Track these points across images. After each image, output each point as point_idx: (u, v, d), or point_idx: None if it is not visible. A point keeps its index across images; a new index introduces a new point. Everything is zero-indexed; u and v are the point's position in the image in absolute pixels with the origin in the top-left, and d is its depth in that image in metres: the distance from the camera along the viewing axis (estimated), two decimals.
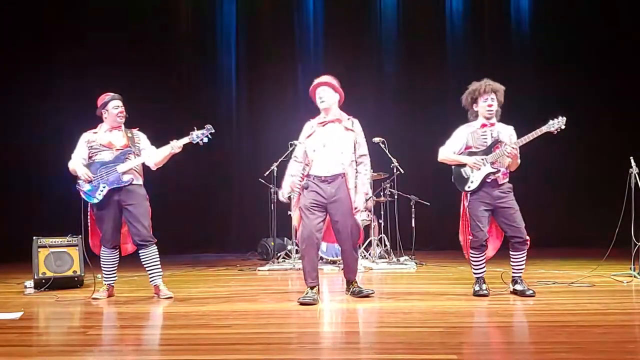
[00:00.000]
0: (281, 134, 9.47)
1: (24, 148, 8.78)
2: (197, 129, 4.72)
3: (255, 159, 9.57)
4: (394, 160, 7.09)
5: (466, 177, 4.49)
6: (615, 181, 5.79)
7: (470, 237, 4.48)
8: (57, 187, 8.36)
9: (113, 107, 4.76)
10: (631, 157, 5.30)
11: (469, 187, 4.46)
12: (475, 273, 4.57)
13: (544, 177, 9.36)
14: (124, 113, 4.79)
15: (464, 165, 4.50)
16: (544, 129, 4.36)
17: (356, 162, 4.52)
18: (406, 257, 7.27)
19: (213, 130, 4.73)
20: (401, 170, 7.12)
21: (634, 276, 5.21)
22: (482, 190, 4.42)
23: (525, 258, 4.48)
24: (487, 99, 4.44)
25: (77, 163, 4.71)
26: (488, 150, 4.45)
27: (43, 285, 5.25)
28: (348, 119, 4.58)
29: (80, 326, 3.90)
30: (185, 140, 4.72)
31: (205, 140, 4.71)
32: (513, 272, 4.53)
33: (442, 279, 5.74)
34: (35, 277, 5.29)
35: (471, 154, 4.49)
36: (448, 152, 4.58)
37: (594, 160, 9.14)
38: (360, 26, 10.02)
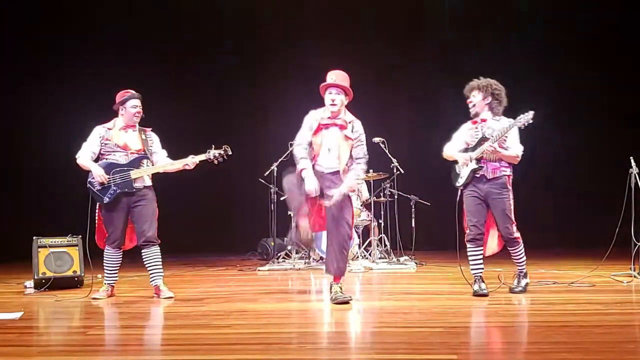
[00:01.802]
0: (281, 134, 9.50)
1: (25, 148, 8.79)
2: (215, 148, 4.72)
3: (255, 159, 9.58)
4: (394, 160, 7.09)
5: (457, 172, 4.61)
6: (615, 181, 5.79)
7: (467, 231, 4.53)
8: (58, 186, 8.40)
9: (132, 106, 4.75)
10: (631, 157, 5.30)
11: (458, 183, 4.58)
12: (472, 270, 4.56)
13: (544, 177, 9.36)
14: (141, 113, 4.77)
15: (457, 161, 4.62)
16: (510, 125, 4.38)
17: (352, 161, 4.43)
18: (406, 257, 7.27)
19: (230, 153, 4.75)
20: (401, 170, 7.12)
21: (634, 276, 5.21)
22: (472, 185, 4.49)
23: (521, 253, 4.51)
24: (469, 96, 4.57)
25: (90, 161, 4.68)
26: (476, 147, 4.49)
27: (43, 285, 5.24)
28: (350, 122, 4.47)
29: (80, 326, 3.90)
30: (202, 157, 4.73)
31: (221, 160, 4.73)
32: (517, 267, 4.62)
33: (442, 279, 5.74)
34: (35, 277, 5.28)
35: (466, 150, 4.55)
36: (448, 149, 4.68)
37: (594, 160, 9.14)
38: (361, 25, 10.02)
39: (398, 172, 7.16)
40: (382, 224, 7.43)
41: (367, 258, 7.14)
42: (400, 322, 3.57)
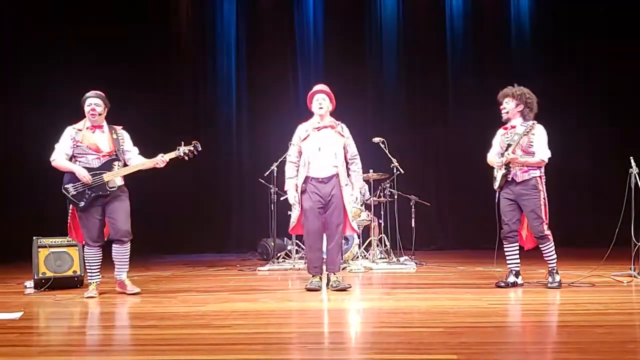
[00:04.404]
0: (281, 134, 9.47)
1: (24, 148, 8.77)
2: (185, 145, 4.85)
3: (255, 159, 9.59)
4: (394, 160, 7.09)
5: (495, 176, 4.92)
6: (615, 181, 5.78)
7: (501, 230, 4.91)
8: (57, 187, 8.38)
9: (87, 105, 4.82)
10: (631, 157, 5.30)
11: (495, 186, 4.93)
12: (508, 264, 4.93)
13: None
14: (96, 112, 4.79)
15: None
16: (520, 135, 4.73)
17: (348, 162, 5.10)
18: (406, 257, 7.26)
19: (200, 149, 4.89)
20: (401, 170, 7.12)
21: (634, 276, 5.20)
22: (506, 187, 4.84)
23: (551, 250, 4.77)
24: (502, 102, 4.90)
25: (70, 163, 4.77)
26: (504, 153, 4.81)
27: (43, 285, 5.24)
28: (338, 123, 5.10)
29: (80, 326, 3.91)
30: (172, 155, 4.85)
31: (191, 156, 4.86)
32: (547, 264, 4.86)
33: (442, 279, 5.74)
34: (35, 277, 5.28)
35: (502, 155, 4.85)
36: (489, 155, 5.04)
37: (594, 160, 9.13)
38: (361, 27, 10.02)
39: (398, 172, 7.15)
40: (382, 224, 7.43)
41: (367, 258, 7.13)
42: (400, 322, 3.57)
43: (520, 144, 4.71)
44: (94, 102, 4.80)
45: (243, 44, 10.16)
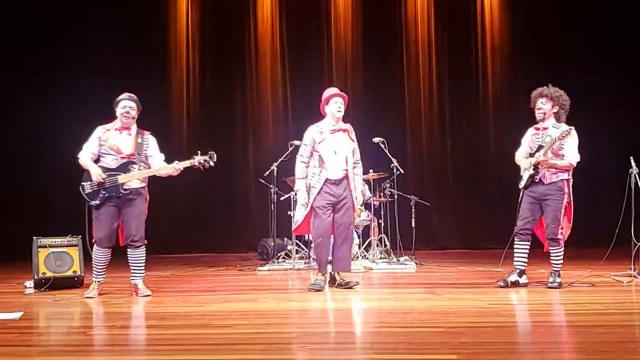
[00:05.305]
0: (281, 135, 9.48)
1: (24, 148, 8.78)
2: (201, 154, 4.81)
3: (255, 159, 9.59)
4: (394, 160, 7.08)
5: (521, 175, 4.92)
6: (615, 181, 5.78)
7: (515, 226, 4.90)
8: (58, 186, 8.39)
9: (121, 106, 4.84)
10: (631, 157, 5.30)
11: (520, 185, 4.93)
12: (514, 262, 4.91)
13: None
14: (130, 114, 4.82)
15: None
16: (553, 139, 4.70)
17: (353, 165, 5.19)
18: (406, 257, 7.26)
19: (215, 160, 4.83)
20: (401, 170, 7.11)
21: (634, 276, 5.20)
22: (531, 186, 4.83)
23: (560, 254, 4.80)
24: (536, 102, 4.87)
25: (89, 161, 4.77)
26: (534, 154, 4.80)
27: (43, 285, 5.24)
28: (349, 128, 5.21)
29: (80, 326, 3.91)
30: (187, 163, 4.82)
31: (207, 166, 4.81)
32: (552, 266, 4.87)
33: (442, 279, 5.74)
34: (35, 277, 5.28)
35: (530, 155, 4.85)
36: (517, 154, 5.05)
37: (594, 160, 9.11)
38: (361, 27, 10.01)
39: (398, 172, 7.15)
40: (382, 224, 7.42)
41: (367, 258, 7.13)
42: (400, 322, 3.57)
43: (552, 147, 4.71)
44: (128, 105, 4.83)
45: (243, 44, 10.15)
